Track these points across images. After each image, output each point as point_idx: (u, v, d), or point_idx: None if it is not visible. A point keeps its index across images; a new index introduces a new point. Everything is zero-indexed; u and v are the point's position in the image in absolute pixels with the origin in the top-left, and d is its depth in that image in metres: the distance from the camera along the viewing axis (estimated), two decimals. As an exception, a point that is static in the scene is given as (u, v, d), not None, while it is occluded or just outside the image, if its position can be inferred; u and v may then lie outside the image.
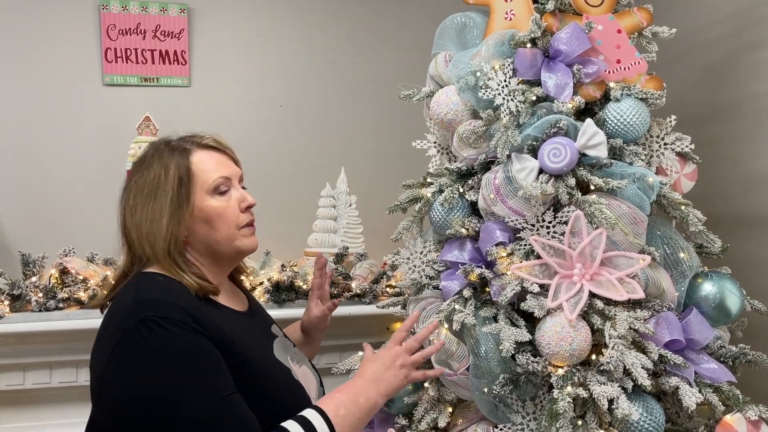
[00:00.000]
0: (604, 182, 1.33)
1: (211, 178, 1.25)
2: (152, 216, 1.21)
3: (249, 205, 1.30)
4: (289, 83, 2.61)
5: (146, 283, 1.19)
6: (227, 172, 1.28)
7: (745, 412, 1.30)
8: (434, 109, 1.56)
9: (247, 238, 1.30)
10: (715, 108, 2.11)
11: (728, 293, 1.41)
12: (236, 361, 1.14)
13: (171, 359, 1.07)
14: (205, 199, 1.24)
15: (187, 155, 1.26)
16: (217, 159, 1.29)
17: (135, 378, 1.07)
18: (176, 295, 1.16)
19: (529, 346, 1.36)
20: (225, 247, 1.27)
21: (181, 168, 1.23)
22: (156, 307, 1.11)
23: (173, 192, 1.22)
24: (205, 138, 1.31)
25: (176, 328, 1.09)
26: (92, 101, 2.41)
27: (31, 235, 2.26)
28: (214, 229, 1.25)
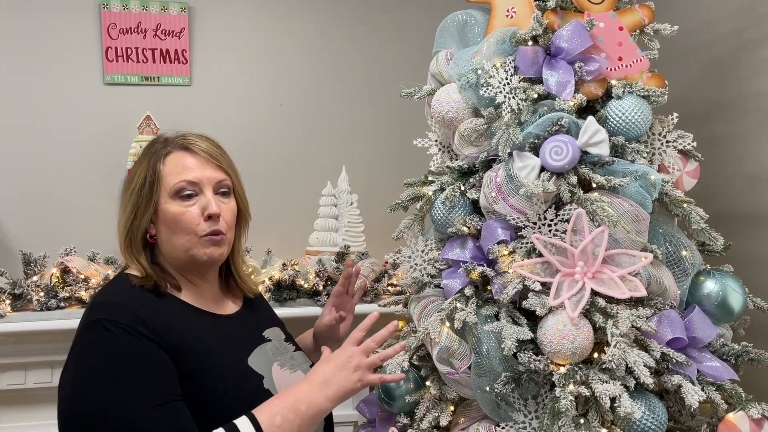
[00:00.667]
0: (605, 180, 1.33)
1: (173, 182, 1.24)
2: (121, 210, 1.27)
3: (210, 214, 1.23)
4: (290, 82, 2.61)
5: (112, 286, 1.24)
6: (196, 176, 1.25)
7: (747, 410, 1.29)
8: (435, 107, 1.55)
9: (206, 247, 1.24)
10: (717, 106, 2.11)
11: (731, 291, 1.41)
12: (190, 367, 1.13)
13: (109, 363, 1.07)
14: (167, 202, 1.24)
15: (164, 156, 1.26)
16: (189, 162, 1.26)
17: (75, 380, 1.09)
18: (133, 299, 1.17)
19: (530, 345, 1.35)
20: (181, 253, 1.25)
21: (149, 168, 1.24)
22: (106, 310, 1.13)
23: (137, 191, 1.24)
24: (189, 139, 1.28)
25: (121, 331, 1.09)
26: (93, 100, 2.41)
27: (33, 234, 2.27)
28: (173, 234, 1.24)
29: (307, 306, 2.19)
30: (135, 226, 1.24)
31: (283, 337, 1.40)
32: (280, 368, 1.29)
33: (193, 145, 1.28)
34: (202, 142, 1.29)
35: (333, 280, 2.22)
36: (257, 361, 1.26)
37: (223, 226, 1.26)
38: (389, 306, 1.78)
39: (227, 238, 1.28)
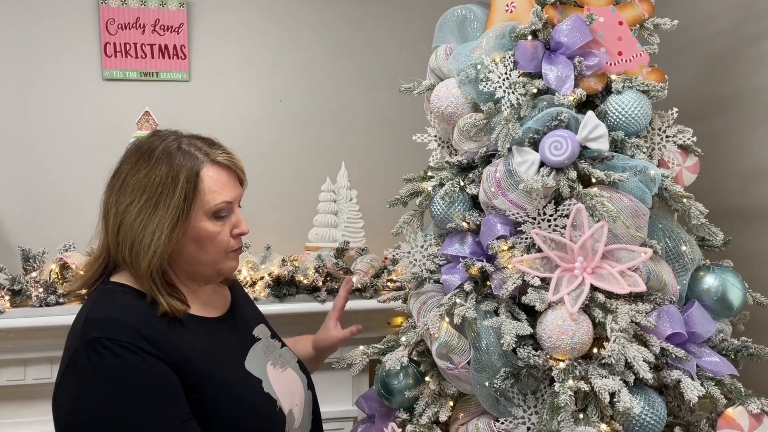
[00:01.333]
0: (605, 175, 1.33)
1: (214, 201, 1.19)
2: (149, 224, 1.13)
3: (241, 233, 1.25)
4: (290, 77, 2.60)
5: (103, 298, 1.14)
6: (231, 196, 1.22)
7: (747, 405, 1.29)
8: (434, 103, 1.55)
9: (231, 260, 1.26)
10: (717, 101, 2.10)
11: (730, 286, 1.41)
12: (193, 380, 1.11)
13: (117, 386, 1.03)
14: (202, 220, 1.18)
15: (198, 168, 1.17)
16: (225, 180, 1.21)
17: (79, 405, 1.04)
18: (130, 313, 1.11)
19: (530, 340, 1.35)
20: (207, 268, 1.23)
21: (189, 182, 1.15)
22: (105, 328, 1.07)
23: (177, 207, 1.14)
24: (220, 154, 1.22)
25: (124, 350, 1.05)
26: (92, 96, 2.41)
27: (31, 230, 2.26)
28: (202, 251, 1.20)
29: (307, 302, 2.19)
30: (167, 246, 1.14)
31: (269, 334, 1.39)
32: (273, 368, 1.29)
33: (227, 161, 1.23)
34: (233, 158, 1.24)
35: (332, 275, 2.22)
36: (253, 364, 1.25)
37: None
38: (388, 302, 1.78)
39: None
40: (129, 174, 1.17)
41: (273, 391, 1.22)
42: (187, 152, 1.18)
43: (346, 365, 1.67)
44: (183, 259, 1.20)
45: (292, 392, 1.28)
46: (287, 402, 1.23)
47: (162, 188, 1.14)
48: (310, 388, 1.37)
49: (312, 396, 1.37)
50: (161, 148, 1.18)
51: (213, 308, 1.30)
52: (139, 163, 1.17)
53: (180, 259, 1.20)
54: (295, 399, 1.27)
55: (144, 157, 1.17)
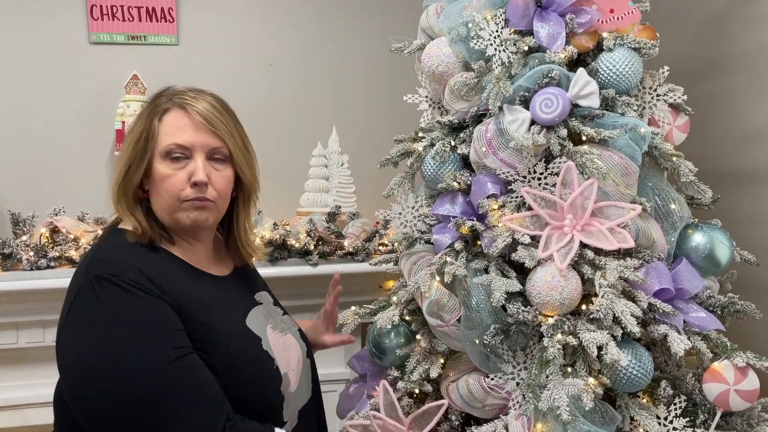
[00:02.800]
0: (595, 132, 1.33)
1: (165, 142, 1.21)
2: (117, 159, 1.27)
3: (196, 182, 1.20)
4: (279, 41, 2.57)
5: (110, 241, 1.20)
6: (187, 140, 1.21)
7: (732, 359, 1.31)
8: (425, 62, 1.54)
9: (189, 211, 1.21)
10: (709, 63, 2.10)
11: (718, 243, 1.42)
12: (193, 327, 1.12)
13: (121, 318, 1.06)
14: (158, 161, 1.21)
15: (163, 113, 1.22)
16: (185, 124, 1.21)
17: (84, 336, 1.06)
18: (135, 255, 1.15)
19: (519, 297, 1.36)
20: (165, 215, 1.23)
21: (147, 125, 1.22)
22: (111, 266, 1.10)
23: (133, 144, 1.22)
24: (187, 99, 1.23)
25: (129, 287, 1.08)
26: (79, 60, 2.37)
27: (20, 194, 2.24)
28: (158, 195, 1.22)
29: (298, 266, 2.20)
30: (128, 179, 1.22)
31: (271, 301, 1.40)
32: (272, 331, 1.30)
33: (190, 106, 1.22)
34: (200, 104, 1.23)
35: (324, 239, 2.22)
36: (254, 323, 1.26)
37: (211, 194, 1.22)
38: (380, 265, 1.79)
39: (216, 205, 1.24)
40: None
41: (271, 350, 1.23)
42: (159, 103, 1.25)
43: (337, 325, 1.68)
44: (153, 203, 1.25)
45: (289, 357, 1.28)
46: (284, 365, 1.24)
47: (130, 131, 1.25)
48: (310, 356, 1.38)
49: (311, 364, 1.38)
50: (149, 100, 1.27)
51: (214, 267, 1.31)
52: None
53: (153, 203, 1.25)
54: (291, 364, 1.28)
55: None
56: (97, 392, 1.04)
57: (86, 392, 1.05)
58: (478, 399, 1.42)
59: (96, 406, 1.04)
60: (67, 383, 1.08)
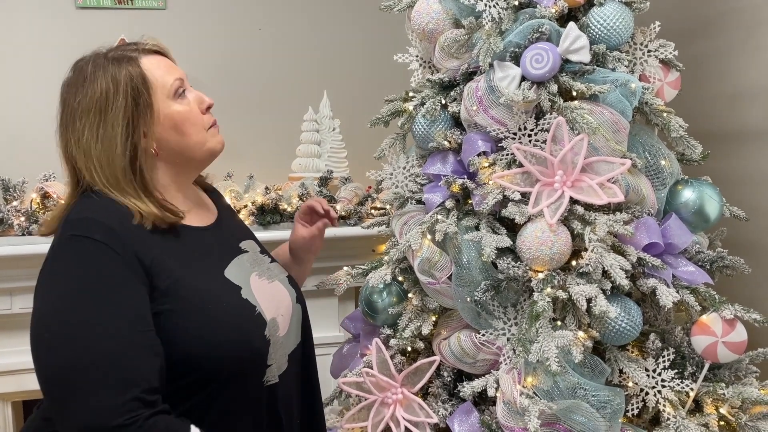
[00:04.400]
0: (586, 88, 1.32)
1: (168, 82, 1.20)
2: (104, 135, 1.13)
3: (208, 106, 1.26)
4: (268, 5, 2.54)
5: (82, 203, 1.16)
6: (179, 73, 1.23)
7: (720, 311, 1.32)
8: (415, 19, 1.52)
9: (215, 137, 1.27)
10: (701, 21, 2.08)
11: (708, 198, 1.42)
12: (166, 284, 1.12)
13: (83, 280, 1.05)
14: (169, 105, 1.19)
15: (137, 62, 1.17)
16: (165, 62, 1.23)
17: (49, 297, 1.07)
18: (107, 214, 1.12)
19: (510, 254, 1.37)
20: (197, 151, 1.24)
21: (134, 77, 1.16)
22: (81, 227, 1.09)
23: (128, 104, 1.14)
24: (147, 44, 1.23)
25: (96, 246, 1.07)
26: (66, 25, 2.34)
27: (10, 161, 2.23)
28: (185, 134, 1.21)
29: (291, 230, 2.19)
30: (144, 144, 1.16)
31: (258, 249, 1.40)
32: (258, 278, 1.30)
33: (160, 48, 1.25)
34: (160, 44, 1.26)
35: (316, 204, 2.22)
36: (235, 272, 1.25)
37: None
38: (372, 227, 1.79)
39: None
40: (72, 105, 1.17)
41: (253, 297, 1.23)
42: (117, 57, 1.18)
43: (330, 287, 1.69)
44: (172, 153, 1.21)
45: (278, 303, 1.29)
46: (270, 310, 1.25)
47: (105, 96, 1.14)
48: (300, 302, 1.38)
49: (301, 310, 1.39)
50: (90, 67, 1.17)
51: (198, 218, 1.30)
52: (77, 90, 1.17)
53: (170, 155, 1.22)
54: (280, 309, 1.28)
55: (79, 83, 1.17)
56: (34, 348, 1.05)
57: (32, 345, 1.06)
58: (469, 355, 1.43)
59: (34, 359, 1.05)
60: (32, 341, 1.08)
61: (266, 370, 1.22)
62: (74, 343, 1.02)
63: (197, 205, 1.33)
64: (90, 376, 1.01)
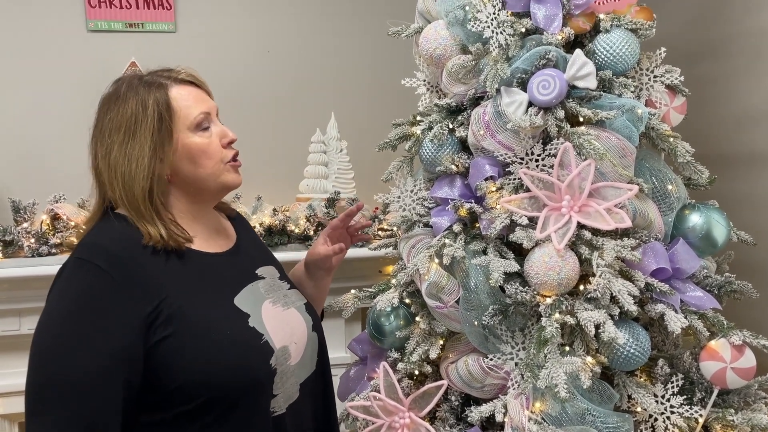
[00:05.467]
0: (593, 113, 1.33)
1: (192, 114, 1.22)
2: (131, 154, 1.17)
3: (230, 141, 1.28)
4: (277, 27, 2.57)
5: (99, 226, 1.21)
6: (206, 107, 1.26)
7: (729, 337, 1.32)
8: (423, 45, 1.54)
9: (231, 173, 1.28)
10: (707, 45, 2.10)
11: (715, 223, 1.43)
12: (169, 312, 1.13)
13: (70, 304, 1.09)
14: (188, 136, 1.22)
15: (165, 90, 1.21)
16: (195, 94, 1.25)
17: (46, 317, 1.10)
18: (116, 240, 1.15)
19: (517, 278, 1.38)
20: (211, 183, 1.25)
21: (160, 103, 1.19)
22: (87, 251, 1.13)
23: (154, 128, 1.18)
24: (181, 73, 1.27)
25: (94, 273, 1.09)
26: (77, 48, 2.38)
27: (21, 182, 2.25)
28: (199, 166, 1.23)
29: (298, 251, 2.21)
30: (159, 169, 1.19)
31: (277, 275, 1.40)
32: (272, 305, 1.29)
33: (193, 78, 1.28)
34: (193, 74, 1.28)
35: (323, 225, 2.23)
36: (245, 300, 1.25)
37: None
38: (379, 249, 1.80)
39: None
40: (103, 120, 1.22)
41: (261, 325, 1.22)
42: (149, 82, 1.23)
43: (337, 309, 1.69)
44: (185, 182, 1.24)
45: (291, 330, 1.28)
46: (282, 338, 1.24)
47: (134, 117, 1.18)
48: (316, 330, 1.38)
49: (318, 338, 1.38)
50: (125, 87, 1.22)
51: (215, 244, 1.31)
52: (109, 107, 1.22)
53: (183, 184, 1.24)
54: (294, 337, 1.28)
55: (112, 100, 1.22)
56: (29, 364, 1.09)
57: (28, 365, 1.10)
58: (477, 379, 1.43)
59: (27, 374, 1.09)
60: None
61: (271, 401, 1.21)
62: (46, 367, 1.06)
63: (215, 232, 1.34)
64: (52, 404, 1.04)
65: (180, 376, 1.12)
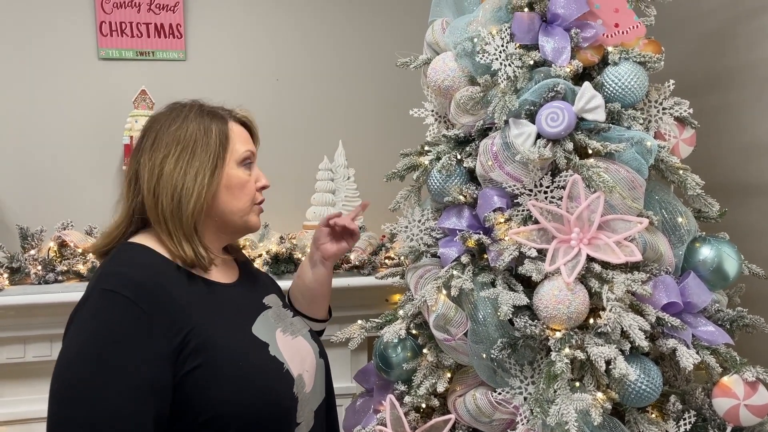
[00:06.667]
0: (602, 146, 1.33)
1: (241, 149, 1.30)
2: (188, 170, 1.22)
3: (263, 186, 1.36)
4: (286, 56, 2.59)
5: (121, 255, 1.20)
6: (253, 149, 1.36)
7: (742, 373, 1.30)
8: (431, 76, 1.55)
9: (255, 215, 1.35)
10: (713, 76, 2.10)
11: (726, 257, 1.41)
12: (197, 342, 1.13)
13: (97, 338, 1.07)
14: (234, 168, 1.28)
15: (226, 122, 1.30)
16: (246, 135, 1.35)
17: (68, 343, 1.10)
18: (142, 271, 1.15)
19: (527, 311, 1.36)
20: (237, 218, 1.30)
21: (221, 132, 1.27)
22: (114, 281, 1.11)
23: (215, 153, 1.25)
24: (240, 113, 1.37)
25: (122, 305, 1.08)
26: (88, 75, 2.40)
27: (29, 209, 2.27)
28: (235, 198, 1.28)
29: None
30: (209, 191, 1.24)
31: (280, 303, 1.42)
32: (283, 334, 1.31)
33: (249, 121, 1.39)
34: (250, 117, 1.39)
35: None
36: (261, 329, 1.27)
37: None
38: (386, 278, 1.79)
39: None
40: (160, 131, 1.25)
41: (280, 354, 1.24)
42: (211, 111, 1.31)
43: (343, 339, 1.68)
44: (216, 209, 1.27)
45: (302, 358, 1.29)
46: (297, 367, 1.25)
47: (196, 138, 1.24)
48: (323, 356, 1.40)
49: (324, 364, 1.40)
50: (188, 109, 1.29)
51: (228, 275, 1.35)
52: (170, 122, 1.26)
53: (215, 211, 1.27)
54: (305, 365, 1.29)
55: (174, 116, 1.27)
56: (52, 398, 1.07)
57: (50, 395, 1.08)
58: (485, 413, 1.41)
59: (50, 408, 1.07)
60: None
61: (296, 429, 1.22)
62: (74, 402, 1.04)
63: (225, 264, 1.37)
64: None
65: (210, 406, 1.12)
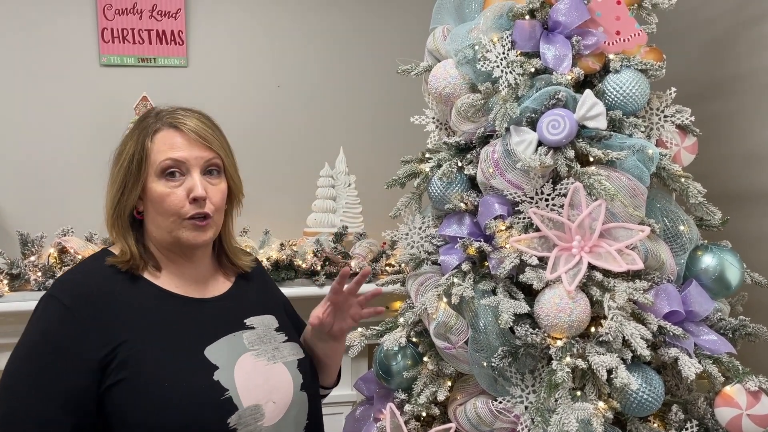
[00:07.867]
0: (603, 154, 1.32)
1: (159, 159, 1.19)
2: (110, 185, 1.25)
3: (195, 197, 1.18)
4: (287, 62, 2.59)
5: (81, 263, 1.29)
6: (182, 155, 1.19)
7: (745, 383, 1.29)
8: (432, 83, 1.54)
9: (189, 231, 1.20)
10: (715, 84, 2.10)
11: (728, 265, 1.41)
12: (128, 354, 1.12)
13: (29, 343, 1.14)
14: (153, 181, 1.20)
15: (153, 133, 1.21)
16: (178, 141, 1.20)
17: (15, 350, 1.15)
18: (89, 277, 1.20)
19: (528, 319, 1.36)
20: (166, 234, 1.22)
21: (137, 145, 1.21)
22: (60, 287, 1.18)
23: (125, 166, 1.21)
24: (177, 118, 1.22)
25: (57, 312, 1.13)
26: (90, 82, 2.40)
27: (30, 215, 2.26)
28: (158, 214, 1.21)
29: (305, 286, 2.20)
30: (122, 202, 1.22)
31: (274, 326, 1.32)
32: (254, 358, 1.22)
33: (181, 123, 1.21)
34: (190, 121, 1.22)
35: (331, 260, 2.22)
36: (219, 351, 1.19)
37: (209, 208, 1.21)
38: (387, 285, 1.78)
39: (214, 221, 1.23)
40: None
41: (230, 380, 1.16)
42: (148, 124, 1.24)
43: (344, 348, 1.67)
44: (149, 224, 1.25)
45: (272, 387, 1.21)
46: (256, 396, 1.17)
47: (118, 154, 1.25)
48: (306, 389, 1.28)
49: (307, 398, 1.28)
50: (137, 120, 1.28)
51: (206, 289, 1.28)
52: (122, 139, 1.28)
53: (148, 225, 1.25)
54: (273, 395, 1.20)
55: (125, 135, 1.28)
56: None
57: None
58: (486, 422, 1.40)
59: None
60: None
61: None
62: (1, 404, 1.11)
63: (202, 279, 1.29)
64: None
65: (127, 424, 1.12)
